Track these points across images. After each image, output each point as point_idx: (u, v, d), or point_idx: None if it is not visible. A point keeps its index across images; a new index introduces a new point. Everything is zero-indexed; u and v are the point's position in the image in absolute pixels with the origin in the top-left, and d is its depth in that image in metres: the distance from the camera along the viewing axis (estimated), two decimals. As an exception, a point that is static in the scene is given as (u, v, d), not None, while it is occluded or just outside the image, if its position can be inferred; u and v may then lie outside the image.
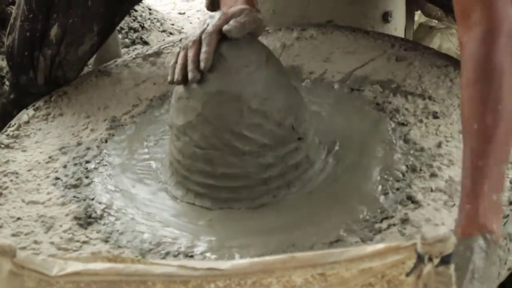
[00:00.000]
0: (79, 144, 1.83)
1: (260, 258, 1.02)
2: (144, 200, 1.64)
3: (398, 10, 2.24)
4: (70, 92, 1.99)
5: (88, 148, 1.81)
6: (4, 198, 1.70)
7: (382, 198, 1.56)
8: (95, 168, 1.76)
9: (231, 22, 1.53)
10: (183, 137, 1.57)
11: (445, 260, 0.94)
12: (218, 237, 1.51)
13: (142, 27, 3.06)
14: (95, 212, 1.62)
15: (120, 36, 2.85)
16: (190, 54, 1.50)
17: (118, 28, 2.87)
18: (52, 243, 1.55)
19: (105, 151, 1.81)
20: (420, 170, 1.63)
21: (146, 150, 1.78)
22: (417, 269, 0.96)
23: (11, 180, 1.73)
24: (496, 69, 1.36)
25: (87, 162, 1.78)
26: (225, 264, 1.02)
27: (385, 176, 1.61)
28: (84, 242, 1.55)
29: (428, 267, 0.94)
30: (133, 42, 2.95)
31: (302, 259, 1.00)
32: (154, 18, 3.20)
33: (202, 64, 1.48)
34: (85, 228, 1.59)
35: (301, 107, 1.65)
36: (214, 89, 1.52)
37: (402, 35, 2.27)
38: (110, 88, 2.00)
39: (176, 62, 1.56)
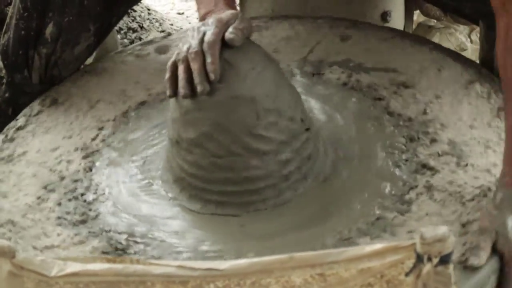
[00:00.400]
0: (62, 178, 1.76)
1: (259, 258, 1.02)
2: (163, 220, 1.60)
3: (397, 9, 2.25)
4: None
5: (76, 181, 1.74)
6: None
7: (397, 171, 1.58)
8: (94, 199, 1.69)
9: (232, 30, 1.50)
10: (197, 150, 1.54)
11: (444, 260, 0.94)
12: (260, 240, 1.50)
13: (141, 27, 3.07)
14: (120, 243, 1.55)
15: (119, 36, 2.85)
16: (195, 66, 1.46)
17: (116, 28, 2.88)
18: None
19: (95, 180, 1.74)
20: (418, 138, 1.66)
21: (137, 170, 1.73)
22: (416, 269, 0.96)
23: (10, 230, 1.63)
24: None
25: (83, 194, 1.70)
26: (224, 265, 1.02)
27: (390, 150, 1.63)
28: None
29: (427, 267, 0.94)
30: (132, 42, 2.96)
31: (301, 259, 1.00)
32: (153, 18, 3.21)
33: (211, 76, 1.44)
34: None
35: (301, 99, 1.65)
36: (226, 96, 1.50)
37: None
38: (67, 117, 1.93)
39: (172, 75, 1.53)
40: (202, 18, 1.61)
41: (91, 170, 1.76)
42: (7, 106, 1.96)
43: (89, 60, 2.15)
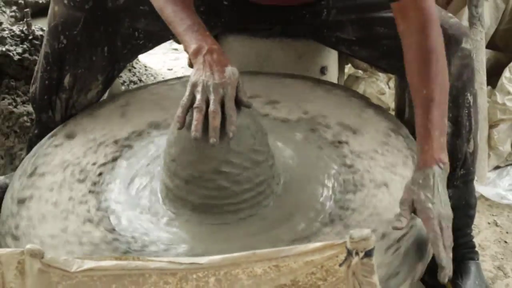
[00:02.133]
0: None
1: (230, 255, 1.02)
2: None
3: (332, 65, 2.24)
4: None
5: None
6: None
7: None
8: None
9: (242, 95, 1.50)
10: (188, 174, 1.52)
11: (368, 254, 0.95)
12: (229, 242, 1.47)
13: (140, 80, 3.06)
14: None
15: (123, 87, 2.84)
16: (215, 124, 1.40)
17: (121, 81, 2.87)
18: None
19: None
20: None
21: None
22: (347, 260, 0.97)
23: None
24: (433, 51, 1.53)
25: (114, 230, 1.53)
26: (203, 260, 1.02)
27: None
28: None
29: (355, 259, 0.95)
30: (133, 92, 2.95)
31: (261, 255, 1.01)
32: (149, 74, 3.20)
33: (230, 135, 1.40)
34: None
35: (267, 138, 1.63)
36: (223, 151, 1.46)
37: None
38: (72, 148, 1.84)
39: (183, 115, 1.47)
40: (195, 53, 1.55)
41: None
42: (36, 139, 1.94)
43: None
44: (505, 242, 2.31)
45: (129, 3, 1.89)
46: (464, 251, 1.93)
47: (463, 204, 1.90)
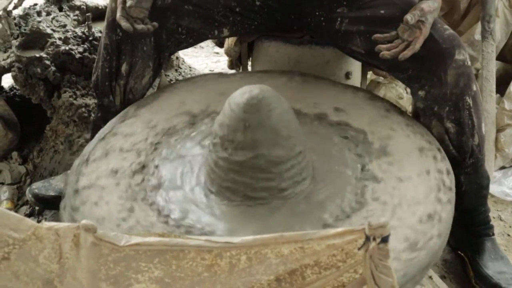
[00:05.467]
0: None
1: (260, 236, 1.02)
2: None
3: (355, 70, 2.25)
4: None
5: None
6: None
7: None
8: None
9: None
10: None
11: (384, 240, 0.94)
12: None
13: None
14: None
15: (169, 85, 2.84)
16: None
17: (168, 79, 2.88)
18: None
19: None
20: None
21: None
22: (365, 245, 0.96)
23: None
24: None
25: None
26: (236, 239, 1.02)
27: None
28: None
29: (373, 244, 0.94)
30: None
31: (288, 237, 1.00)
32: (193, 73, 3.21)
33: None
34: None
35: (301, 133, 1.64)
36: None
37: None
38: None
39: None
40: None
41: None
42: (100, 122, 1.97)
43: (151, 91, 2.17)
44: (508, 235, 2.30)
45: (176, 2, 1.94)
46: (480, 228, 1.95)
47: (476, 187, 1.90)
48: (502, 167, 2.60)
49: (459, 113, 1.78)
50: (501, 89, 2.63)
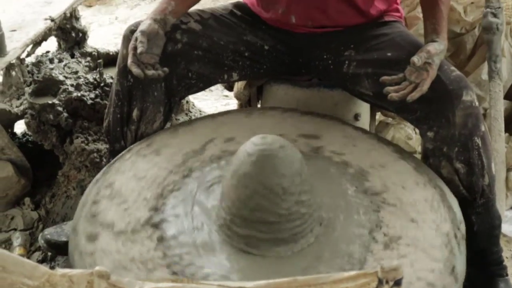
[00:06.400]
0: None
1: (273, 280, 1.01)
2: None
3: (364, 112, 2.25)
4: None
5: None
6: None
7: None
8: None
9: None
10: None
11: (397, 283, 0.94)
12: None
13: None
14: None
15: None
16: None
17: (178, 123, 2.89)
18: None
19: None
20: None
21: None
22: (379, 288, 0.96)
23: None
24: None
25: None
26: (249, 284, 1.01)
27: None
28: None
29: (386, 287, 0.94)
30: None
31: (302, 281, 1.00)
32: (203, 117, 3.22)
33: None
34: None
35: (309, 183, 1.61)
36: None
37: (368, 129, 2.27)
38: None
39: None
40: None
41: None
42: None
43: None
44: (521, 275, 2.26)
45: (186, 48, 1.96)
46: (493, 268, 1.91)
47: (487, 227, 1.88)
48: (514, 206, 2.58)
49: (469, 154, 1.78)
50: (510, 128, 2.64)
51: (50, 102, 2.48)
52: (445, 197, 1.64)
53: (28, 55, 2.59)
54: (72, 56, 2.80)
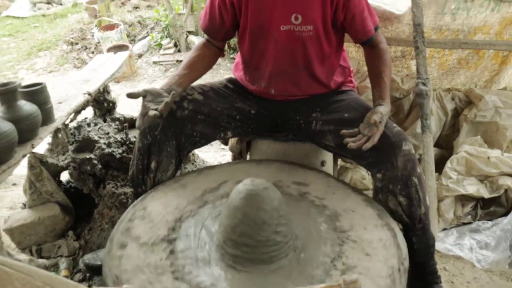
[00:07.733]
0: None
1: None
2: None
3: (329, 159, 2.24)
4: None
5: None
6: None
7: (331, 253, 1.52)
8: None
9: None
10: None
11: (356, 292, 0.94)
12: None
13: (199, 170, 3.06)
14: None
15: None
16: None
17: (186, 171, 2.88)
18: None
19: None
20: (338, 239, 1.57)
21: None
22: (342, 297, 0.95)
23: None
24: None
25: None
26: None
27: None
28: None
29: (348, 296, 0.94)
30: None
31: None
32: (205, 165, 3.20)
33: None
34: None
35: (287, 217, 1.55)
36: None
37: (331, 173, 2.27)
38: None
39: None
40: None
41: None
42: None
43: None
44: (452, 282, 2.25)
45: (191, 114, 1.97)
46: (430, 277, 1.89)
47: (424, 246, 1.87)
48: (444, 229, 2.57)
49: (408, 190, 1.78)
50: (439, 169, 2.65)
51: (88, 157, 2.48)
52: (396, 238, 1.58)
53: (71, 121, 2.60)
54: (105, 121, 2.81)
